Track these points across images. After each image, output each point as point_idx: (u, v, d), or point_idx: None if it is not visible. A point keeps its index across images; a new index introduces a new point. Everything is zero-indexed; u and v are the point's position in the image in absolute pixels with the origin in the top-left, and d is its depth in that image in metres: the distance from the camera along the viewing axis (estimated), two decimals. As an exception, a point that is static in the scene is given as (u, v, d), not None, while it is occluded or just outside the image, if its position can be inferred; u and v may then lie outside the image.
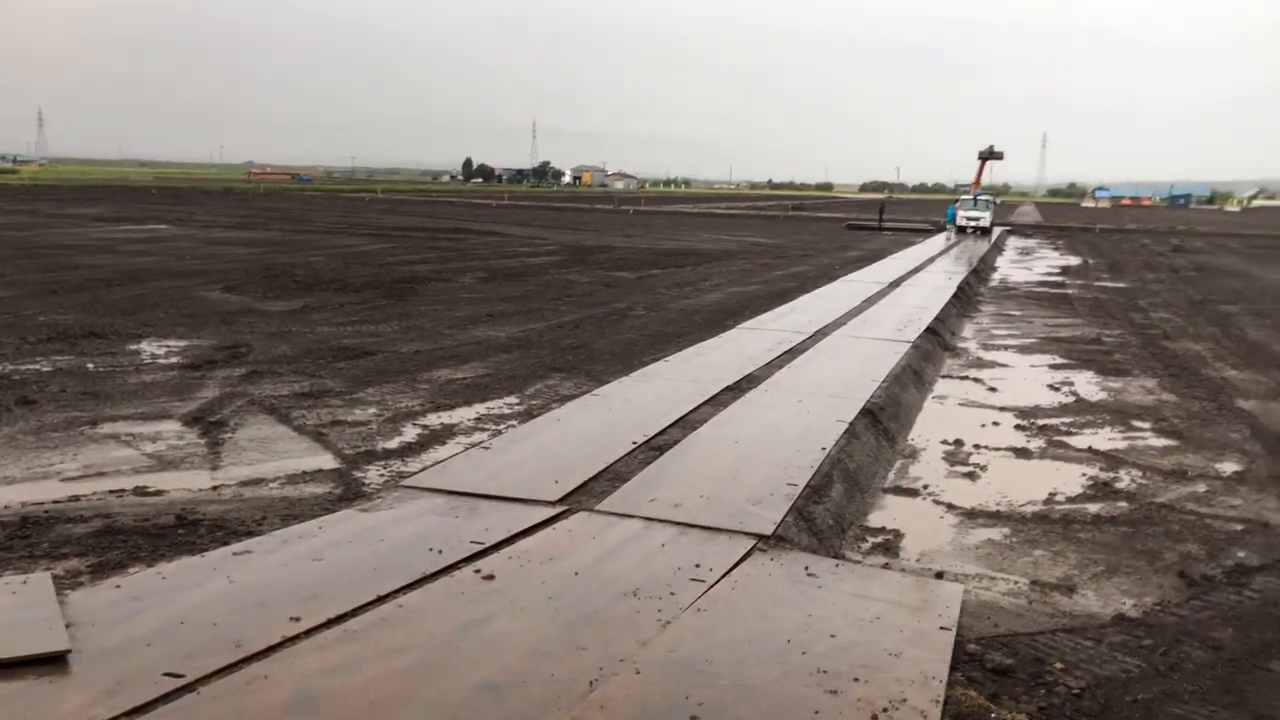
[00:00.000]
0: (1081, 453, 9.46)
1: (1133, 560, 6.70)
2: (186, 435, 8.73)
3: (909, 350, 13.70)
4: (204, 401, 9.90)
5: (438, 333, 14.52)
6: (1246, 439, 10.07)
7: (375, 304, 17.45)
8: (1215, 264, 35.57)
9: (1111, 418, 10.91)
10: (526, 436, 8.81)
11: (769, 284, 23.07)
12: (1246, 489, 8.39)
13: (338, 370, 11.63)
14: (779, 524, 6.65)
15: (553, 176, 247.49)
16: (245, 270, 22.31)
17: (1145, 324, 18.72)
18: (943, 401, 11.75)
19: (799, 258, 32.05)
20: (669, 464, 8.04)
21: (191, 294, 18.03)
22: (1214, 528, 7.40)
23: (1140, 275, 30.08)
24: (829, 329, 15.60)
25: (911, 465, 9.03)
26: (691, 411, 9.78)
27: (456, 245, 32.68)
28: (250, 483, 7.49)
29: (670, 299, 19.57)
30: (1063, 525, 7.40)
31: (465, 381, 11.28)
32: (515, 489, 7.24)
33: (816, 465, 8.01)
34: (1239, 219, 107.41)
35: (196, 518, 6.64)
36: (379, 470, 7.89)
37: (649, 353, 13.18)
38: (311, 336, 13.86)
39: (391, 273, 22.86)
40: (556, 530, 6.49)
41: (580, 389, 10.87)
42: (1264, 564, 6.67)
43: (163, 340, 13.28)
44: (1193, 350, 15.62)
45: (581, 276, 23.60)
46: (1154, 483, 8.52)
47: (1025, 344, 16.00)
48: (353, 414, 9.64)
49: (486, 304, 17.86)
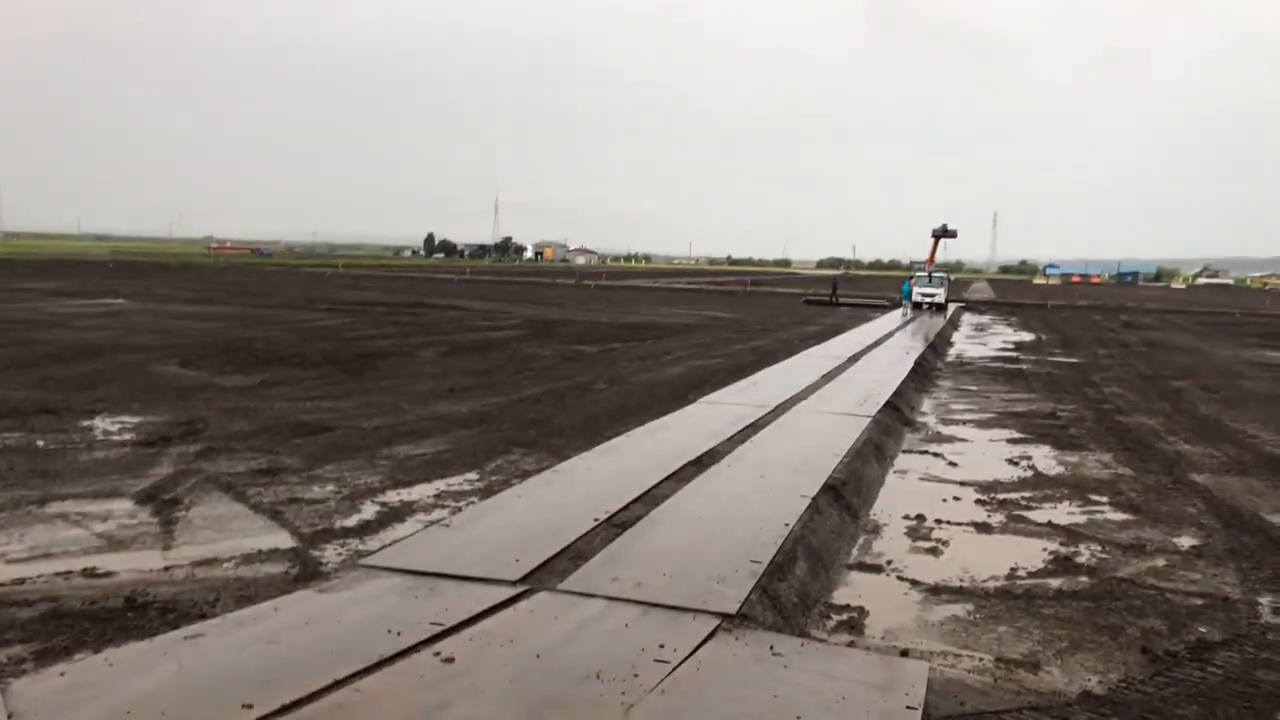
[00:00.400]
0: (1042, 527, 9.52)
1: (1096, 636, 6.71)
2: (138, 514, 8.53)
3: (869, 425, 13.79)
4: (157, 479, 9.69)
5: (398, 408, 14.40)
6: (1202, 513, 10.19)
7: (335, 379, 17.31)
8: (1165, 340, 36.38)
9: (1070, 492, 11.01)
10: (487, 513, 8.71)
11: (730, 358, 23.22)
12: (1205, 563, 8.46)
13: (296, 447, 11.47)
14: (743, 602, 6.60)
15: (515, 252, 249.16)
16: (203, 345, 22.07)
17: (1099, 399, 19.03)
18: (904, 476, 11.80)
19: (759, 332, 32.34)
20: (631, 541, 7.97)
21: (147, 369, 17.78)
22: (1175, 602, 7.44)
23: (1092, 351, 30.66)
24: (790, 403, 15.68)
25: (874, 541, 9.03)
26: (654, 487, 9.73)
27: (418, 319, 32.62)
28: (204, 563, 7.31)
29: (632, 373, 19.60)
30: (1025, 601, 7.40)
31: (425, 457, 11.16)
32: (476, 568, 7.13)
33: (780, 542, 7.98)
34: (1185, 296, 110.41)
35: (147, 600, 6.45)
36: (337, 549, 7.74)
37: (611, 427, 13.15)
38: (270, 412, 13.69)
39: (352, 347, 22.72)
40: (518, 610, 6.38)
41: (542, 464, 10.80)
42: (1226, 639, 6.70)
43: (116, 416, 13.04)
44: (1146, 425, 15.88)
45: (543, 350, 23.61)
46: (1114, 557, 8.58)
47: (983, 419, 16.18)
48: (310, 491, 9.49)
49: (448, 378, 17.78)
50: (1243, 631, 6.85)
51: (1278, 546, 8.97)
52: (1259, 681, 5.99)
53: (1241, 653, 6.46)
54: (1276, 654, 6.45)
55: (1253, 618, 7.15)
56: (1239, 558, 8.62)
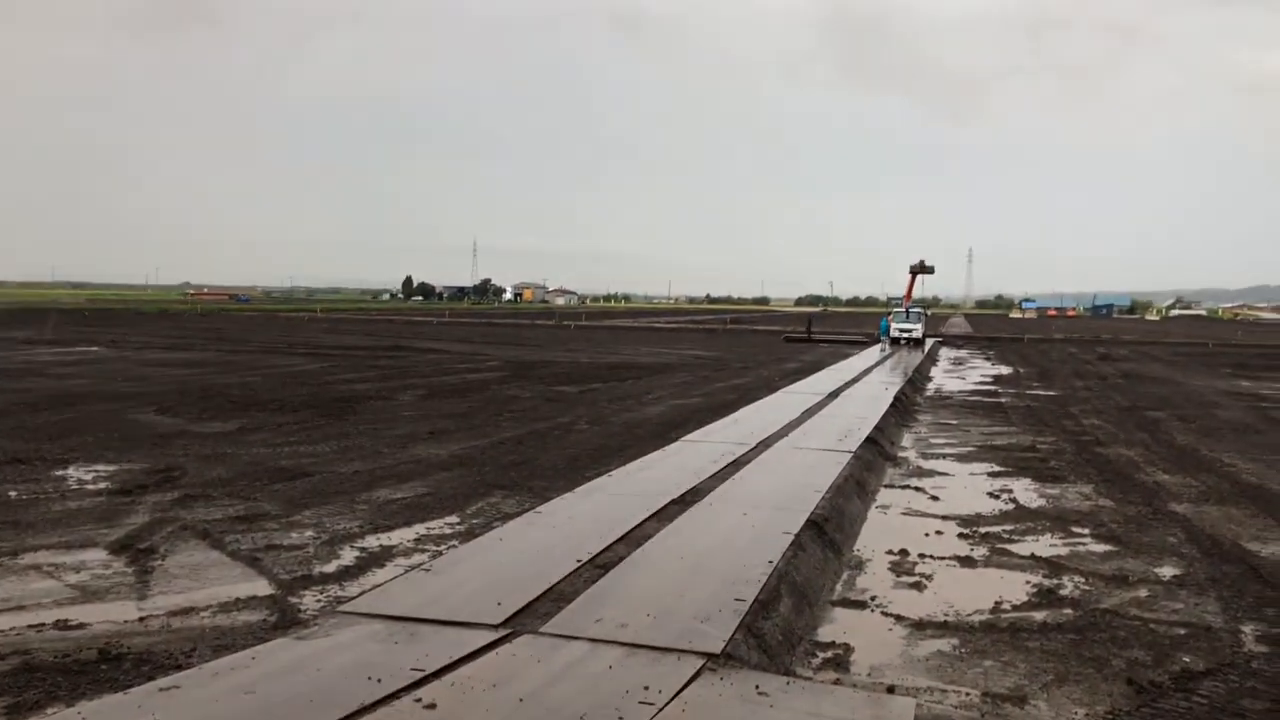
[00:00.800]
0: (1024, 560, 9.52)
1: (1081, 668, 6.69)
2: (113, 564, 8.40)
3: (851, 460, 13.80)
4: (133, 528, 9.57)
5: (377, 452, 14.31)
6: (1182, 542, 10.23)
7: (313, 424, 17.19)
8: (1140, 371, 36.70)
9: (1051, 524, 11.03)
10: (468, 557, 8.63)
11: (710, 396, 23.23)
12: (1186, 592, 8.48)
13: (274, 492, 11.36)
14: (728, 641, 6.54)
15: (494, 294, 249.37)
16: (180, 391, 21.90)
17: (1078, 430, 19.13)
18: (886, 511, 11.80)
19: (739, 370, 32.41)
20: (614, 582, 7.91)
21: (123, 417, 17.61)
22: (1158, 632, 7.44)
23: (1070, 383, 30.88)
24: (771, 440, 15.68)
25: (858, 576, 9.00)
26: (636, 527, 9.68)
27: (397, 363, 32.51)
28: (180, 612, 7.20)
29: (613, 413, 19.57)
30: (1010, 634, 7.39)
31: (405, 501, 11.08)
32: (457, 612, 7.04)
33: (764, 579, 7.94)
34: (1159, 328, 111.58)
35: (121, 651, 6.34)
36: (316, 596, 7.64)
37: (593, 467, 13.10)
38: (247, 458, 13.56)
39: (330, 391, 22.60)
40: (500, 655, 6.31)
41: (523, 506, 10.73)
42: (1209, 668, 6.70)
43: (91, 465, 12.89)
44: (1125, 456, 15.97)
45: (524, 392, 23.56)
46: (1097, 588, 8.58)
47: (963, 452, 16.22)
48: (289, 537, 9.39)
49: (427, 421, 17.69)
50: (1226, 660, 6.85)
51: (1258, 575, 9.00)
52: (1244, 711, 5.98)
53: (1226, 682, 6.45)
54: (1260, 682, 6.45)
55: (1236, 647, 7.15)
56: (1220, 586, 8.64)
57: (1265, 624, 7.66)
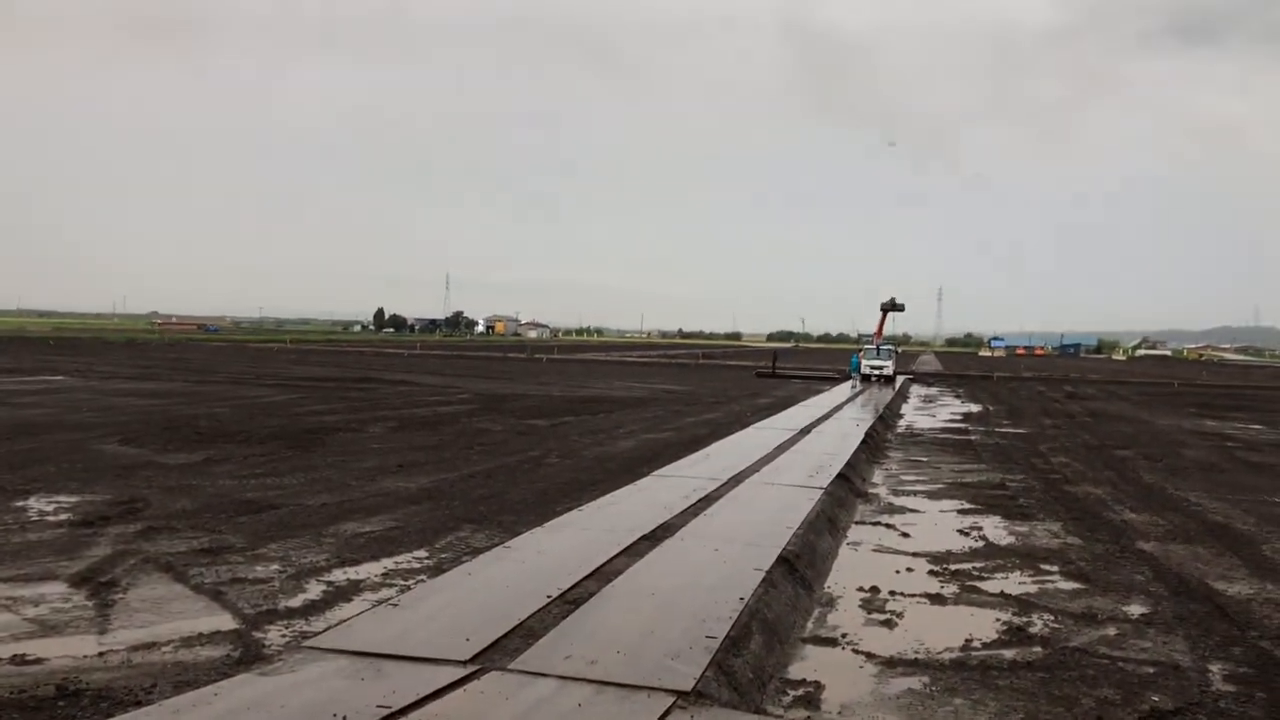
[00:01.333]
0: (994, 597, 9.54)
1: (1051, 707, 6.69)
2: (73, 597, 8.23)
3: (822, 496, 13.81)
4: (94, 560, 9.39)
5: (345, 485, 14.16)
6: (1150, 580, 10.29)
7: (281, 456, 17.00)
8: (1107, 410, 37.10)
9: (1020, 561, 11.07)
10: (436, 592, 8.53)
11: (682, 431, 23.23)
12: (1154, 630, 8.52)
13: (239, 525, 11.20)
14: (699, 679, 6.49)
15: (466, 326, 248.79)
16: (145, 422, 21.63)
17: (1046, 469, 19.27)
18: (857, 548, 11.80)
19: (711, 405, 32.45)
20: (584, 618, 7.84)
21: (86, 447, 17.34)
22: (1127, 671, 7.46)
23: (1038, 421, 31.15)
24: (743, 476, 15.68)
25: (829, 613, 8.97)
26: (607, 563, 9.62)
27: (367, 395, 32.30)
28: (141, 647, 7.06)
29: (584, 447, 19.51)
30: (980, 672, 7.38)
31: (373, 535, 10.95)
32: (424, 648, 6.95)
33: (735, 616, 7.90)
34: (1126, 367, 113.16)
35: (80, 687, 6.20)
36: (280, 630, 7.52)
37: (563, 502, 13.03)
38: (213, 490, 13.38)
39: (298, 423, 22.39)
40: (468, 692, 6.22)
41: (492, 541, 10.64)
42: (1178, 707, 6.72)
43: (52, 496, 12.66)
44: (1093, 494, 16.09)
45: (495, 425, 23.45)
46: (1066, 626, 8.61)
47: (934, 489, 16.29)
48: (254, 571, 9.25)
49: (396, 454, 17.55)
50: (1194, 699, 6.88)
51: (1224, 613, 9.06)
52: (1213, 750, 5.99)
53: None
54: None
55: (1204, 685, 7.18)
56: (1188, 625, 8.69)
57: (1232, 663, 7.71)
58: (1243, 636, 8.38)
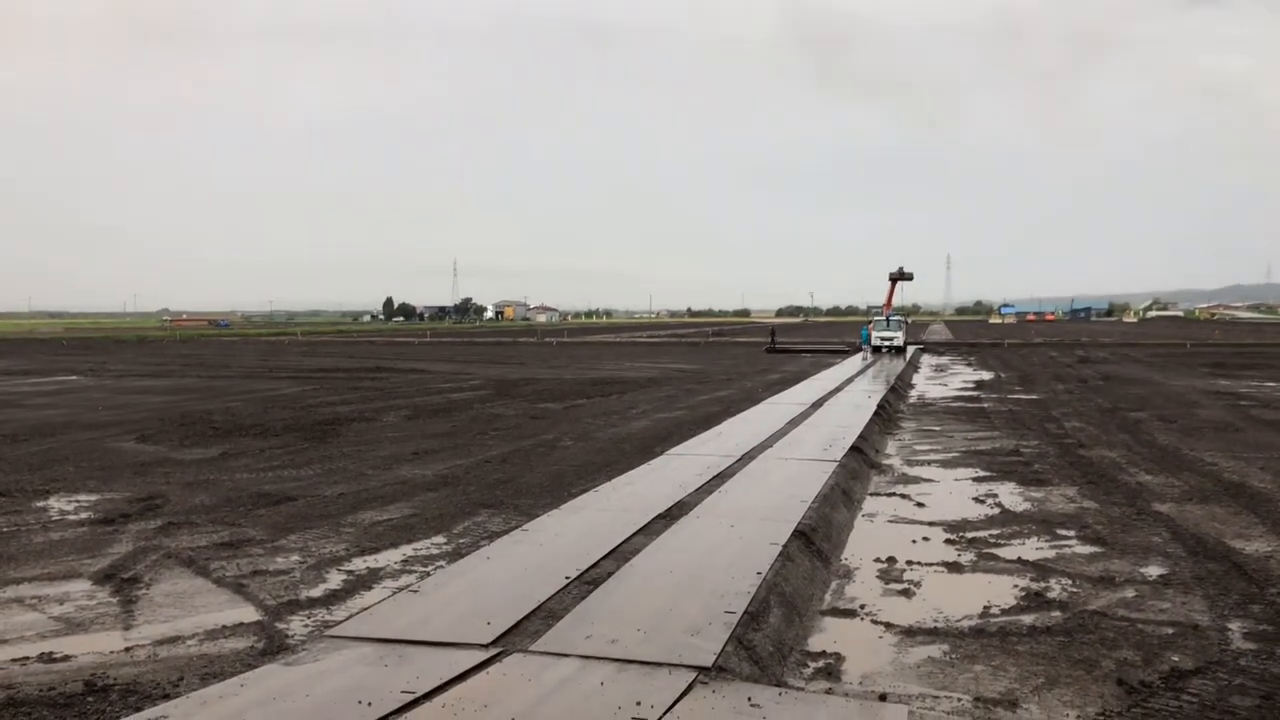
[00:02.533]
0: (1012, 564, 9.56)
1: (1071, 670, 6.71)
2: (97, 594, 8.32)
3: (836, 469, 13.83)
4: (116, 557, 9.48)
5: (361, 474, 14.24)
6: (1167, 542, 10.29)
7: (296, 448, 17.10)
8: (1120, 373, 36.96)
9: (1037, 527, 11.07)
10: (455, 577, 8.59)
11: (694, 409, 23.25)
12: (1173, 591, 8.53)
13: (258, 518, 11.28)
14: (719, 654, 6.54)
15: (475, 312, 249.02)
16: (160, 419, 21.75)
17: (1060, 434, 19.24)
18: (873, 519, 11.82)
19: (722, 382, 32.45)
20: (603, 598, 7.89)
21: (103, 446, 17.47)
22: (1146, 632, 7.47)
23: (1051, 387, 31.06)
24: (756, 451, 15.70)
25: (847, 585, 9.01)
26: (624, 542, 9.67)
27: (379, 384, 32.39)
28: (166, 641, 7.13)
29: (598, 428, 19.55)
30: (1000, 638, 7.40)
31: (391, 523, 11.02)
32: (446, 633, 7.01)
33: (753, 591, 7.94)
34: (1137, 329, 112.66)
35: (107, 683, 6.27)
36: (303, 621, 7.59)
37: (578, 484, 13.08)
38: (230, 484, 13.47)
39: (312, 415, 22.49)
40: (490, 674, 6.28)
41: (509, 525, 10.70)
42: (1198, 667, 6.73)
43: (72, 495, 12.77)
44: (1107, 458, 16.06)
45: (507, 410, 23.51)
46: (1084, 590, 8.62)
47: (948, 458, 16.28)
48: (275, 563, 9.32)
49: (411, 442, 17.63)
50: (1214, 659, 6.89)
51: (1242, 572, 9.06)
52: (1234, 708, 6.01)
53: (1215, 680, 6.49)
54: (1249, 679, 6.48)
55: (1223, 644, 7.19)
56: (1206, 585, 8.70)
57: (1251, 621, 7.71)
58: (1261, 594, 8.38)
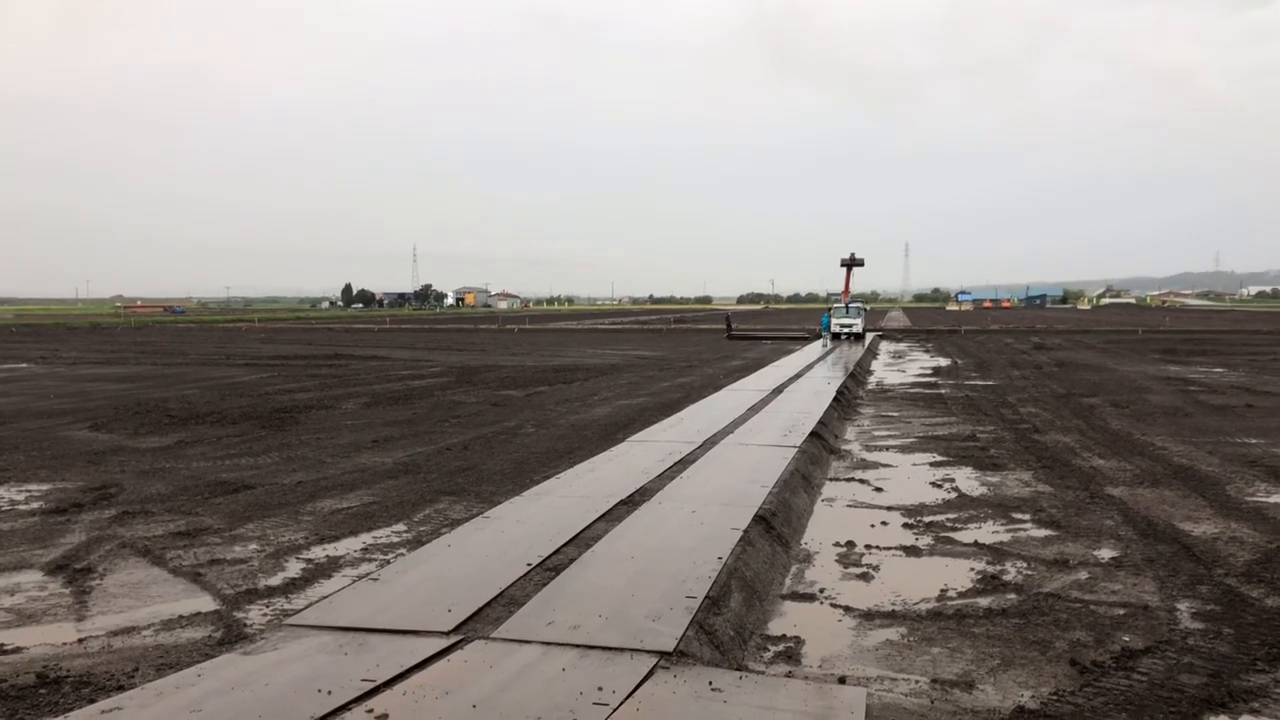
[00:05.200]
0: (968, 547, 9.69)
1: (1026, 651, 6.83)
2: (49, 585, 8.18)
3: (796, 455, 13.92)
4: (69, 547, 9.33)
5: (320, 462, 14.12)
6: (1119, 525, 10.49)
7: (254, 435, 16.90)
8: (1074, 359, 37.52)
9: (993, 511, 11.24)
10: (416, 565, 8.55)
11: (656, 395, 23.28)
12: (1124, 573, 8.70)
13: (215, 506, 11.15)
14: (680, 639, 6.57)
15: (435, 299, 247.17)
16: (114, 407, 21.40)
17: (1016, 419, 19.51)
18: (832, 504, 11.93)
19: (684, 369, 32.52)
20: (565, 584, 7.90)
21: (55, 434, 17.16)
22: (1099, 614, 7.62)
23: (1007, 373, 31.47)
24: (718, 438, 15.77)
25: (807, 569, 9.09)
26: (586, 529, 9.68)
27: (338, 371, 32.09)
28: (121, 632, 7.04)
29: (559, 415, 19.53)
30: (957, 621, 7.51)
31: (351, 511, 10.95)
32: (407, 621, 6.99)
33: (714, 576, 7.99)
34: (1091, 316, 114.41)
35: (60, 674, 6.18)
36: (261, 610, 7.52)
37: (540, 471, 13.06)
38: (187, 472, 13.30)
39: (270, 402, 22.24)
40: (452, 662, 6.27)
41: (471, 512, 10.66)
42: (1148, 646, 6.88)
43: (23, 485, 12.54)
44: (1062, 442, 16.32)
45: (468, 397, 23.40)
46: (1039, 573, 8.76)
47: (906, 443, 16.46)
48: (232, 551, 9.22)
49: (371, 430, 17.50)
50: (1164, 638, 7.04)
51: (1191, 553, 9.26)
52: (1182, 686, 6.15)
53: (1164, 659, 6.63)
54: (1197, 658, 6.64)
55: (1172, 624, 7.35)
56: (1156, 566, 8.88)
57: (1199, 601, 7.89)
58: (1209, 575, 8.57)
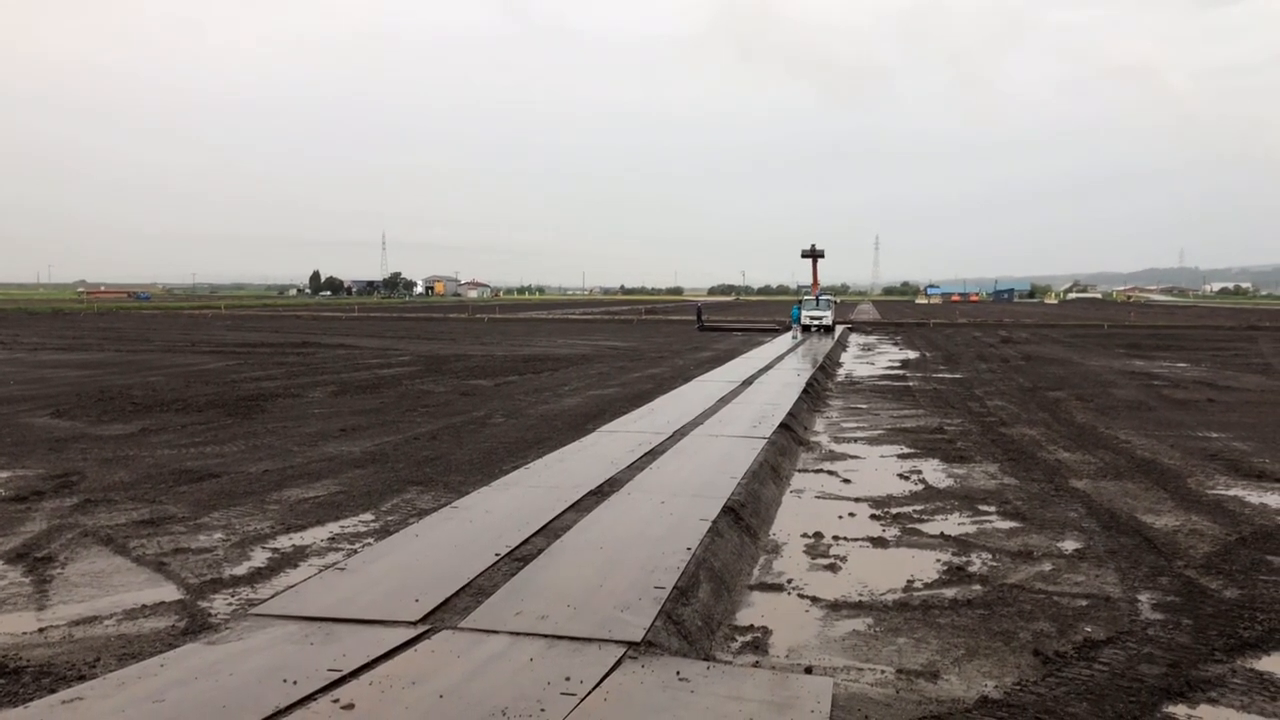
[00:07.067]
0: (934, 539, 9.77)
1: (990, 642, 6.90)
2: (9, 574, 8.06)
3: (765, 446, 13.98)
4: (29, 536, 9.19)
5: (287, 450, 14.00)
6: (1083, 517, 10.62)
7: (220, 423, 16.73)
8: (1040, 353, 37.92)
9: (959, 503, 11.34)
10: (384, 554, 8.50)
11: (627, 386, 23.28)
12: (1087, 565, 8.81)
13: (180, 495, 11.03)
14: (648, 629, 6.58)
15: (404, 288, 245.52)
16: (76, 394, 21.10)
17: (982, 412, 19.69)
18: (800, 495, 11.99)
19: (654, 360, 32.54)
20: (534, 574, 7.88)
21: (15, 421, 16.89)
22: (1062, 605, 7.71)
23: (974, 366, 31.75)
24: (687, 429, 15.80)
25: (775, 560, 9.13)
26: (555, 519, 9.67)
27: (305, 360, 31.82)
28: (82, 621, 6.95)
29: (529, 405, 19.48)
30: (922, 611, 7.58)
31: (317, 500, 10.86)
32: (373, 610, 6.95)
33: (682, 566, 8.00)
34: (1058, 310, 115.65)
35: (20, 664, 6.09)
36: (226, 599, 7.45)
37: (509, 461, 13.02)
38: (151, 460, 13.14)
39: (236, 390, 22.02)
40: (419, 651, 6.24)
41: (439, 502, 10.62)
42: (1109, 637, 6.97)
43: (-18, 472, 12.33)
44: (1028, 435, 16.49)
45: (437, 386, 23.28)
46: (1003, 564, 8.86)
47: (874, 435, 16.56)
48: (197, 540, 9.13)
49: (338, 419, 17.37)
50: (1125, 629, 7.14)
51: (1152, 545, 9.39)
52: (1143, 676, 6.24)
53: (1125, 649, 6.73)
54: (1157, 648, 6.74)
55: (1133, 615, 7.46)
56: (1118, 558, 9.00)
57: (1160, 592, 8.01)
58: (1169, 567, 8.70)
